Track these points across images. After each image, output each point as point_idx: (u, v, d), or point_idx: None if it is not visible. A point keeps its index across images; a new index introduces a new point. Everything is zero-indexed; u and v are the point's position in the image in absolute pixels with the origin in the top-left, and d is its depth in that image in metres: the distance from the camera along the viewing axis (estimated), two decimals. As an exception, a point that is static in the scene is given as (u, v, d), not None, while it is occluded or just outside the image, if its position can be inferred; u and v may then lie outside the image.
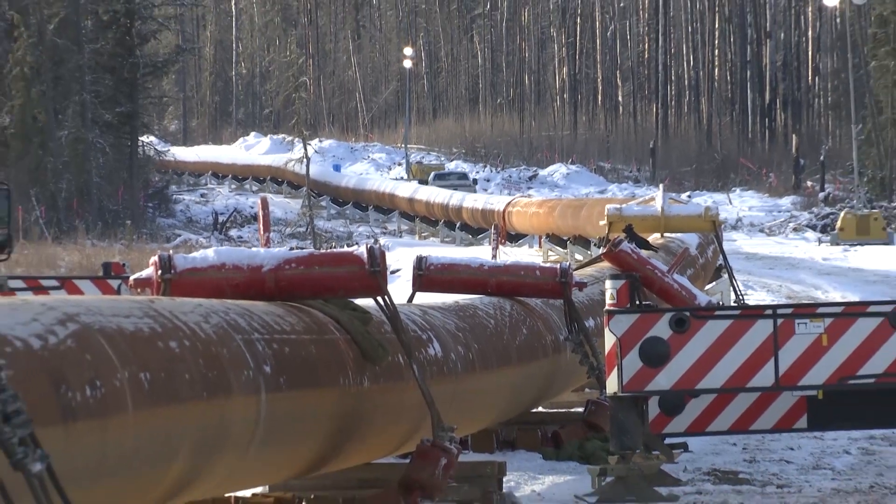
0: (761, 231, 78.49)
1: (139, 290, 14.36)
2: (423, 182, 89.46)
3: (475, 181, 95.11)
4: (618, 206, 39.07)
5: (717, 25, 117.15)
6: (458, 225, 74.38)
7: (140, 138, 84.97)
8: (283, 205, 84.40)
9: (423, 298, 17.88)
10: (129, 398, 10.38)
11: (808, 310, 16.68)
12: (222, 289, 13.74)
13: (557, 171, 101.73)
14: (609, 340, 16.22)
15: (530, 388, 19.09)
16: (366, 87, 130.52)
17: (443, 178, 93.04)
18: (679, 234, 34.77)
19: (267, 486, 14.25)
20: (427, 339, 15.60)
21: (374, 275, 14.32)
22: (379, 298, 14.56)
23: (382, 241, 62.41)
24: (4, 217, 25.42)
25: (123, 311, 11.30)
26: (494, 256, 49.84)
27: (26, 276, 27.62)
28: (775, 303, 26.16)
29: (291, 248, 20.02)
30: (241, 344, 12.31)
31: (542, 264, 25.27)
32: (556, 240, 57.84)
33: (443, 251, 53.73)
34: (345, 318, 14.22)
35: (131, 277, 15.36)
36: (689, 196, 76.05)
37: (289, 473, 13.95)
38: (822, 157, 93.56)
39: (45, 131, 75.28)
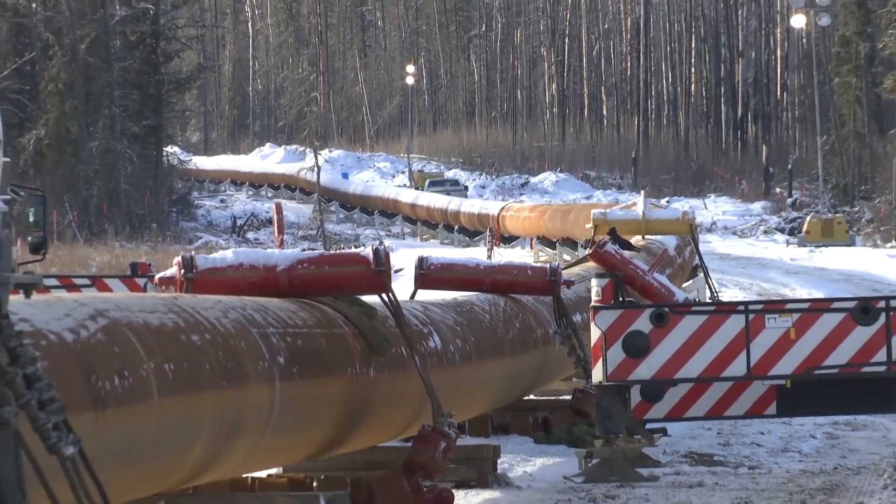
0: (734, 234, 78.47)
1: (164, 287, 14.35)
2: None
3: (466, 187, 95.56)
4: (602, 210, 39.04)
5: (693, 45, 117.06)
6: (456, 228, 74.37)
7: (165, 149, 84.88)
8: (296, 210, 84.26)
9: (424, 295, 17.87)
10: (154, 387, 10.39)
11: (777, 306, 16.70)
12: (240, 287, 13.74)
13: (547, 178, 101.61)
14: (595, 334, 16.22)
15: (522, 377, 19.09)
16: (371, 102, 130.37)
17: (438, 185, 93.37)
18: (658, 237, 34.74)
19: (281, 468, 14.24)
20: (428, 332, 15.61)
21: (379, 274, 14.34)
22: (384, 295, 14.58)
23: (387, 242, 62.28)
24: (40, 221, 25.40)
25: (149, 308, 11.30)
26: (489, 257, 49.82)
27: (60, 275, 27.60)
28: (747, 299, 26.12)
29: (303, 250, 20.01)
30: (258, 337, 12.32)
31: (533, 264, 25.26)
32: (546, 241, 57.80)
33: (442, 252, 53.69)
34: (352, 314, 14.23)
35: (156, 276, 15.35)
36: (668, 201, 76.01)
37: (301, 456, 13.94)
38: (789, 166, 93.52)
39: (78, 142, 75.23)
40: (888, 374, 15.56)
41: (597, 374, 16.25)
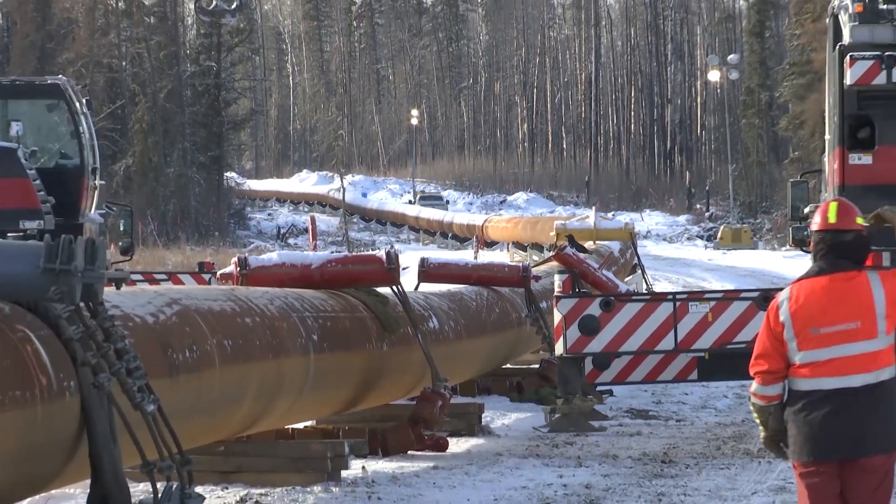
0: (664, 240, 78.36)
1: (224, 281, 14.35)
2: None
3: (448, 201, 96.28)
4: (563, 222, 39.07)
5: (632, 94, 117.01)
6: (449, 235, 74.41)
7: (225, 174, 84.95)
8: (326, 221, 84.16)
9: (425, 288, 17.87)
10: (216, 358, 10.38)
11: (697, 295, 16.68)
12: (283, 281, 13.73)
13: (520, 197, 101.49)
14: (557, 317, 16.20)
15: (501, 350, 19.08)
16: (384, 138, 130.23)
17: (426, 199, 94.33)
18: (606, 242, 34.71)
19: (314, 421, 14.23)
20: (428, 315, 15.61)
21: (390, 271, 14.32)
22: (394, 287, 14.57)
23: (396, 246, 62.19)
24: (128, 229, 25.37)
25: (212, 296, 11.29)
26: (476, 257, 49.74)
27: (143, 271, 27.51)
28: (675, 290, 26.11)
29: (332, 252, 20.03)
30: (296, 320, 12.31)
31: (509, 263, 25.25)
32: (519, 246, 57.74)
33: (439, 254, 53.68)
34: (370, 301, 14.22)
35: (218, 272, 15.38)
36: (613, 215, 75.74)
37: (330, 411, 13.95)
38: (707, 188, 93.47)
39: (158, 169, 75.28)
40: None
41: (558, 348, 16.23)
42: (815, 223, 7.42)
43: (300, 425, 13.83)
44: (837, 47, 14.59)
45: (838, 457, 7.22)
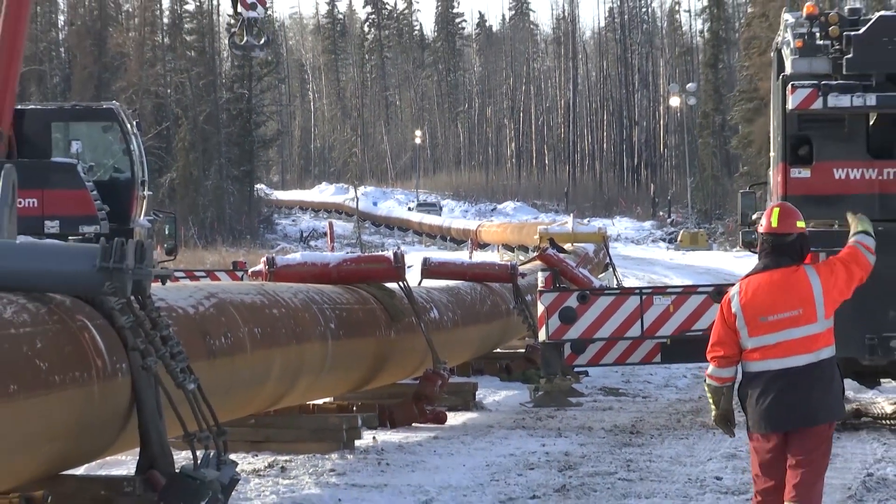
0: (632, 242, 78.27)
1: (254, 278, 14.33)
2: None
3: (441, 207, 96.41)
4: (545, 226, 39.05)
5: (605, 117, 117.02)
6: (448, 238, 74.42)
7: (255, 186, 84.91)
8: (342, 226, 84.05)
9: (427, 283, 17.86)
10: (248, 344, 10.37)
11: (661, 290, 16.67)
12: (305, 277, 13.73)
13: (508, 205, 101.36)
14: (540, 308, 16.19)
15: (492, 337, 19.08)
16: (392, 154, 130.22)
17: (423, 206, 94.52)
18: (582, 244, 34.70)
19: (332, 398, 14.23)
20: (429, 307, 15.61)
21: (397, 269, 14.33)
22: (400, 283, 14.57)
23: (402, 248, 62.19)
24: (172, 233, 25.36)
25: (245, 291, 11.28)
26: (470, 257, 49.71)
27: (185, 269, 27.50)
28: (641, 286, 26.10)
29: (347, 253, 20.03)
30: (316, 311, 12.30)
31: (499, 262, 25.23)
32: (508, 247, 57.74)
33: (439, 254, 53.61)
34: (379, 295, 14.21)
35: (250, 270, 15.34)
36: (588, 220, 75.64)
37: (345, 389, 13.94)
38: (668, 198, 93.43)
39: (198, 182, 75.26)
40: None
41: (541, 335, 16.21)
42: (762, 226, 7.49)
43: (319, 401, 13.83)
44: (781, 77, 14.57)
45: (788, 428, 7.27)
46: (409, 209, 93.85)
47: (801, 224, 7.50)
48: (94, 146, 23.48)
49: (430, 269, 18.25)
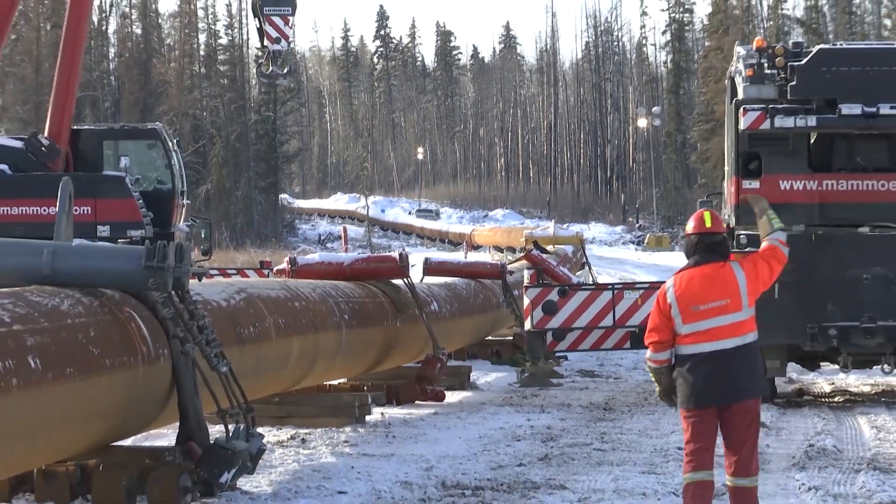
0: (605, 244, 78.09)
1: (278, 275, 14.32)
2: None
3: (438, 213, 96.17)
4: (530, 231, 39.08)
5: (581, 136, 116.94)
6: (446, 240, 74.41)
7: (279, 195, 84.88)
8: (355, 230, 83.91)
9: (428, 280, 17.86)
10: (273, 332, 10.35)
11: (630, 286, 16.66)
12: (322, 275, 13.72)
13: (498, 212, 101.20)
14: (526, 302, 16.18)
15: (484, 326, 19.07)
16: (398, 168, 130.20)
17: (422, 212, 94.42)
18: (562, 246, 34.70)
19: (346, 379, 14.22)
20: (430, 300, 15.60)
21: (402, 267, 14.31)
22: (405, 279, 14.56)
23: (406, 249, 62.17)
24: (208, 236, 25.35)
25: (270, 286, 11.27)
26: (465, 257, 49.69)
27: (219, 268, 27.49)
28: (613, 282, 26.08)
29: (359, 253, 20.02)
30: (332, 304, 12.29)
31: (491, 261, 25.21)
32: (498, 248, 57.69)
33: (438, 255, 53.52)
34: (387, 290, 14.20)
35: (275, 268, 15.32)
36: (568, 226, 75.57)
37: (357, 372, 13.93)
38: (637, 206, 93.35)
39: (230, 192, 75.24)
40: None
41: (527, 325, 16.21)
42: (693, 227, 7.53)
43: (335, 382, 13.81)
44: (734, 101, 14.57)
45: (717, 404, 7.29)
46: (409, 214, 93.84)
47: (724, 227, 7.61)
48: (140, 161, 23.46)
49: (430, 268, 18.25)
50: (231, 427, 8.64)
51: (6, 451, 6.81)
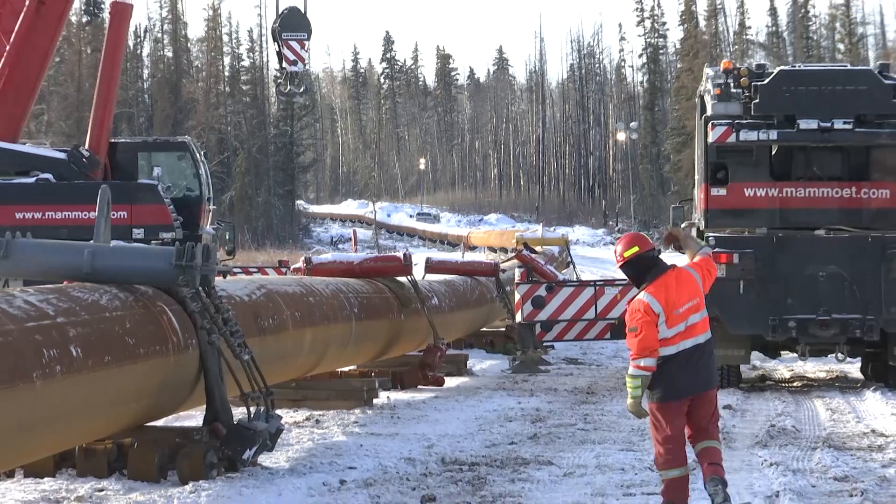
0: (588, 245, 78.09)
1: (295, 273, 14.31)
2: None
3: (438, 218, 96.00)
4: (521, 233, 39.03)
5: (567, 149, 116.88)
6: (445, 242, 74.40)
7: (296, 201, 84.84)
8: (363, 233, 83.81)
9: (430, 277, 17.85)
10: (290, 324, 10.34)
11: (610, 283, 16.65)
12: (334, 273, 13.71)
13: (492, 217, 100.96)
14: (516, 297, 16.17)
15: (480, 319, 19.06)
16: (402, 177, 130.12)
17: (422, 216, 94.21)
18: (549, 247, 34.67)
19: (355, 366, 14.22)
20: (431, 295, 15.59)
21: (406, 266, 14.30)
22: (408, 277, 14.55)
23: (410, 250, 62.10)
24: (232, 238, 25.29)
25: (287, 283, 11.26)
26: (462, 257, 49.59)
27: (242, 266, 27.46)
28: (595, 279, 26.08)
29: (367, 254, 20.01)
30: (343, 298, 12.28)
31: (485, 260, 25.19)
32: (492, 249, 57.64)
33: (438, 255, 53.45)
34: (392, 286, 14.18)
35: (292, 267, 15.30)
36: (554, 228, 75.45)
37: (365, 360, 13.92)
38: (616, 211, 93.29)
39: (252, 198, 75.17)
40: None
41: (518, 317, 16.19)
42: (630, 253, 7.29)
43: (346, 368, 13.80)
44: (703, 117, 14.58)
45: (697, 392, 7.27)
46: (411, 217, 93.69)
47: (651, 244, 7.44)
48: (171, 171, 23.43)
49: (431, 266, 18.23)
50: (252, 409, 8.63)
51: (51, 430, 6.81)
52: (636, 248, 7.32)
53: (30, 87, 21.89)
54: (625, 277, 7.78)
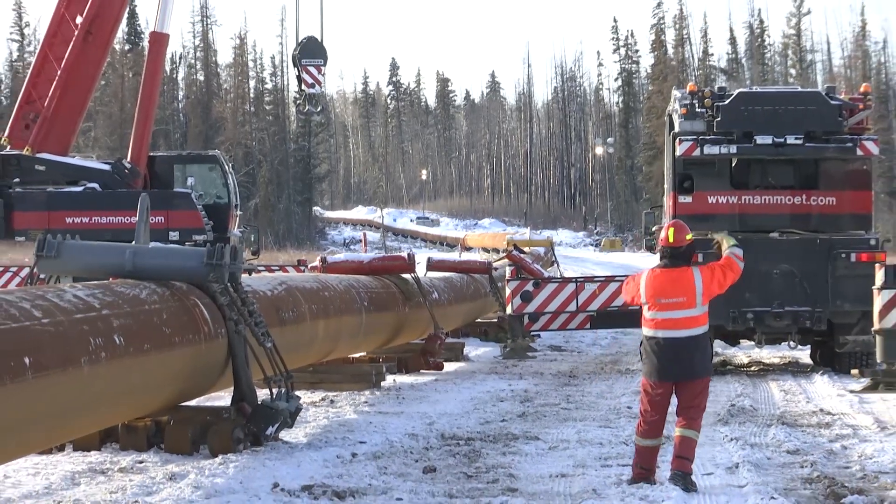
0: (570, 246, 77.99)
1: (312, 271, 14.29)
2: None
3: (438, 222, 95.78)
4: (511, 235, 38.99)
5: (552, 162, 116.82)
6: (444, 243, 74.34)
7: (313, 208, 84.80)
8: (373, 236, 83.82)
9: (431, 275, 17.82)
10: (308, 316, 10.33)
11: (590, 279, 16.62)
12: (347, 271, 13.69)
13: (486, 221, 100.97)
14: (507, 292, 16.14)
15: (475, 311, 19.04)
16: (406, 186, 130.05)
17: (422, 220, 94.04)
18: (536, 248, 34.64)
19: (365, 353, 14.21)
20: (432, 290, 15.57)
21: (410, 264, 14.28)
22: (412, 274, 14.54)
23: (413, 250, 62.06)
24: (256, 240, 25.28)
25: (306, 279, 11.24)
26: (460, 256, 49.54)
27: (265, 265, 27.46)
28: (576, 276, 26.03)
29: (376, 254, 20.01)
30: (354, 293, 12.26)
31: (480, 260, 25.15)
32: (486, 250, 57.51)
33: (438, 254, 53.39)
34: (398, 282, 14.16)
35: (310, 265, 15.30)
36: (540, 231, 75.39)
37: (374, 347, 13.90)
38: (595, 216, 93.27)
39: (274, 205, 75.19)
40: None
41: (508, 310, 16.17)
42: (661, 240, 7.49)
43: (357, 355, 13.79)
44: (671, 133, 14.59)
45: (673, 380, 7.29)
46: (411, 221, 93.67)
47: (689, 237, 7.48)
48: (203, 180, 23.42)
49: (432, 265, 18.24)
50: (274, 391, 8.63)
51: (97, 409, 6.81)
52: (664, 241, 7.38)
53: (79, 108, 21.93)
54: (603, 275, 7.86)
